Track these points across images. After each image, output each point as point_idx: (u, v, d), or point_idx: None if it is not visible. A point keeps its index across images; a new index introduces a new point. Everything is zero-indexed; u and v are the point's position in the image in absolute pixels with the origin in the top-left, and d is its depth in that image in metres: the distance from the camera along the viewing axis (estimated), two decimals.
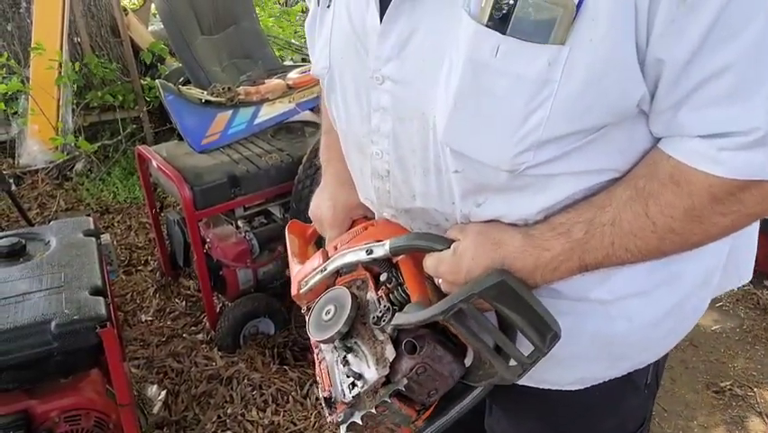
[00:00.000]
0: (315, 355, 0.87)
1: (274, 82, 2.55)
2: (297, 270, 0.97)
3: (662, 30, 0.60)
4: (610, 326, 0.81)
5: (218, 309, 2.47)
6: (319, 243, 1.12)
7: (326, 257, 0.92)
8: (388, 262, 0.86)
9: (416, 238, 0.82)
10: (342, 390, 0.77)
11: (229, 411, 2.08)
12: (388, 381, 0.77)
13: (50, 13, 3.63)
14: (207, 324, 2.45)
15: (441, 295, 0.80)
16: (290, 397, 2.14)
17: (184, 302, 2.67)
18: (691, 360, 2.39)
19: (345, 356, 0.79)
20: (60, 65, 3.61)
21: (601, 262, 0.71)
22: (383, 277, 0.84)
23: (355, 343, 0.80)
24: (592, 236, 0.70)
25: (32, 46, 3.61)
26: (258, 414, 2.07)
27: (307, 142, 2.42)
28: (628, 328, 0.82)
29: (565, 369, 0.85)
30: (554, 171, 0.71)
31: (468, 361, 0.80)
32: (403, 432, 0.81)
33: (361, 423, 0.77)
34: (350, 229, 1.00)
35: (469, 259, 0.75)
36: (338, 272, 0.90)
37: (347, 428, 0.78)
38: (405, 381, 0.77)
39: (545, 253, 0.72)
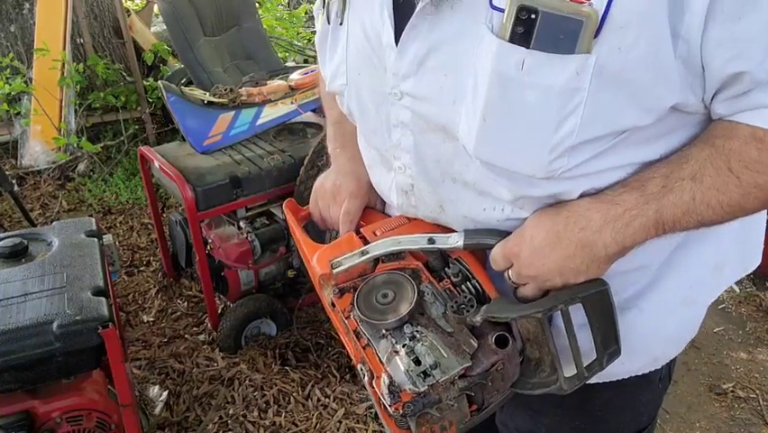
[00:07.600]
0: (352, 340, 0.83)
1: (276, 83, 2.55)
2: (318, 249, 0.94)
3: (722, 35, 0.60)
4: (622, 316, 0.81)
5: (220, 310, 2.47)
6: (307, 226, 1.10)
7: (364, 241, 0.91)
8: (442, 255, 0.86)
9: (488, 235, 0.81)
10: (412, 379, 0.74)
11: (230, 412, 2.08)
12: (463, 374, 0.75)
13: (53, 14, 3.64)
14: (209, 325, 2.45)
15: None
16: (292, 398, 2.14)
17: (186, 303, 2.68)
18: (693, 362, 2.38)
19: (406, 344, 0.77)
20: (64, 66, 3.61)
21: (680, 220, 0.70)
22: (451, 270, 0.84)
23: (417, 331, 0.78)
24: (670, 190, 0.69)
25: (35, 47, 3.62)
26: (259, 415, 2.07)
27: (309, 143, 2.42)
28: (640, 319, 0.82)
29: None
30: (590, 171, 0.71)
31: None
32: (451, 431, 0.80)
33: (437, 414, 0.75)
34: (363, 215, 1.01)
35: (531, 227, 0.75)
36: (378, 258, 0.89)
37: (417, 419, 0.75)
38: (489, 375, 0.75)
39: (615, 207, 0.71)
